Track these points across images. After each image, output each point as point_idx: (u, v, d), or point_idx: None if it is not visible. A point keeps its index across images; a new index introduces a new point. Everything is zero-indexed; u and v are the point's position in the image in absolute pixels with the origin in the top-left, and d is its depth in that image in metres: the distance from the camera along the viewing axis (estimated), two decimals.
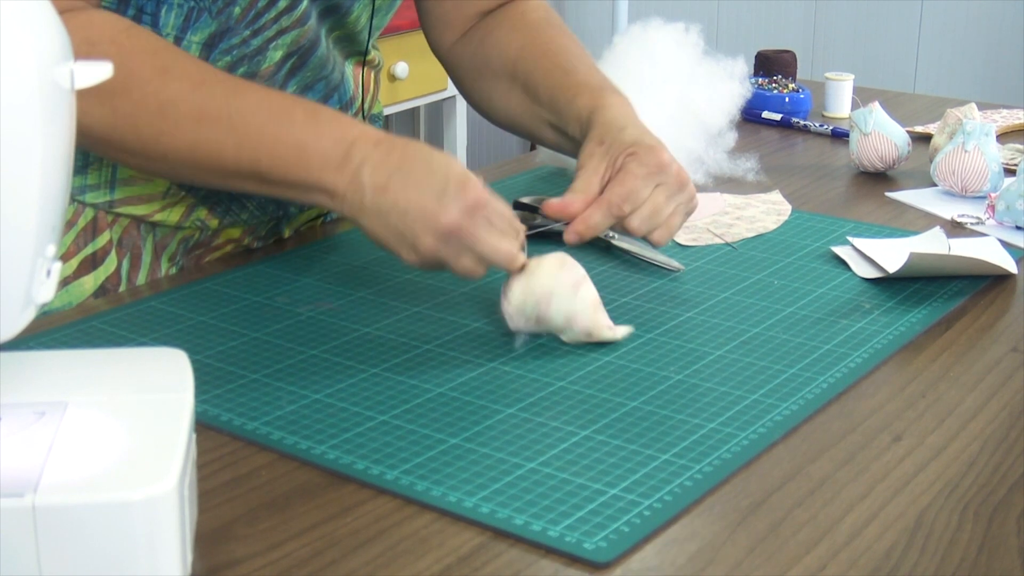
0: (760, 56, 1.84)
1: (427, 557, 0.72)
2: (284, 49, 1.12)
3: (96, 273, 1.15)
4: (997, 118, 1.69)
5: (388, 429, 0.86)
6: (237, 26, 1.08)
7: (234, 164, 1.00)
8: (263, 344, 0.99)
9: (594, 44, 1.40)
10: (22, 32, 0.61)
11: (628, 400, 0.91)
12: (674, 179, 1.05)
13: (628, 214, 1.03)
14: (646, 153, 1.04)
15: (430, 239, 0.95)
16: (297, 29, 1.11)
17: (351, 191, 0.97)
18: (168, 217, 1.16)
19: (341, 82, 1.20)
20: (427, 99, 3.35)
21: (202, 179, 1.04)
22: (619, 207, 1.03)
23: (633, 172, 1.03)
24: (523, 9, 1.28)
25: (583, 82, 1.15)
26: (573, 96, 1.14)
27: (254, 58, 1.10)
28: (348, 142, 0.98)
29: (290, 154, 0.98)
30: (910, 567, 0.72)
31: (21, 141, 0.61)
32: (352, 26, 1.18)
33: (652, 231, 1.05)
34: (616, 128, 1.07)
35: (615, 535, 0.74)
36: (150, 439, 0.67)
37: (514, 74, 1.22)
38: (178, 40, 1.08)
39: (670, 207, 1.05)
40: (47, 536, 0.62)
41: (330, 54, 1.17)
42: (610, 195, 1.03)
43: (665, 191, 1.04)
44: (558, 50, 1.21)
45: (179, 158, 1.00)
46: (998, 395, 0.94)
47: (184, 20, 1.07)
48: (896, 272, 1.12)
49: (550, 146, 1.24)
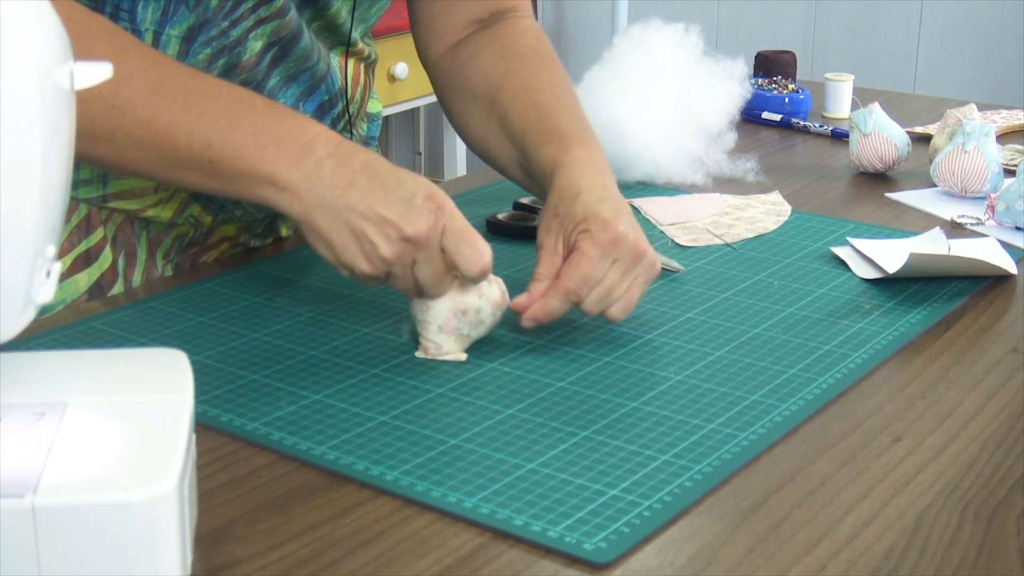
0: (760, 56, 1.84)
1: (427, 557, 0.72)
2: (264, 39, 1.11)
3: (90, 270, 1.14)
4: (997, 119, 1.69)
5: (388, 430, 0.86)
6: (215, 17, 1.08)
7: (185, 146, 0.96)
8: (263, 344, 0.99)
9: (594, 44, 1.40)
10: (22, 32, 0.61)
11: (628, 400, 0.91)
12: (629, 253, 1.00)
13: (583, 298, 0.99)
14: (599, 230, 0.99)
15: (390, 247, 0.92)
16: (277, 20, 1.10)
17: (307, 185, 0.93)
18: (161, 213, 1.16)
19: (327, 73, 1.18)
20: (427, 99, 3.35)
21: (148, 166, 0.99)
22: (576, 293, 0.99)
23: (587, 254, 0.99)
24: (513, 33, 1.24)
25: (553, 128, 1.11)
26: (541, 144, 1.10)
27: (234, 49, 1.10)
28: (310, 135, 0.95)
29: (246, 139, 0.95)
30: (910, 568, 0.72)
31: (21, 141, 0.61)
32: (333, 18, 1.17)
33: (607, 309, 1.00)
34: (572, 195, 1.02)
35: (615, 535, 0.74)
36: (150, 440, 0.67)
37: (493, 104, 1.19)
38: (157, 35, 1.07)
39: (625, 283, 1.00)
40: (47, 536, 0.62)
41: (314, 45, 1.16)
42: (565, 280, 0.99)
43: (620, 267, 1.00)
44: (539, 87, 1.17)
45: (128, 137, 0.97)
46: (998, 396, 0.94)
47: (162, 14, 1.06)
48: (896, 273, 1.12)
49: (518, 183, 1.20)
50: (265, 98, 1.00)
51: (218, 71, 1.10)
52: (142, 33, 1.07)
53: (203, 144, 0.96)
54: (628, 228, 1.00)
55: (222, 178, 0.97)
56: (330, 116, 1.19)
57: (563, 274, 0.99)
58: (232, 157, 0.95)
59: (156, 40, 1.07)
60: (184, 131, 0.96)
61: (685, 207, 1.34)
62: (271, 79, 1.13)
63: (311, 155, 0.94)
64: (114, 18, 1.06)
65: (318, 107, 1.18)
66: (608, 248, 0.99)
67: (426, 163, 3.95)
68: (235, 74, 1.10)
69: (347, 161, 0.94)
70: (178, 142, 0.96)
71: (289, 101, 1.15)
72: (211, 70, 1.09)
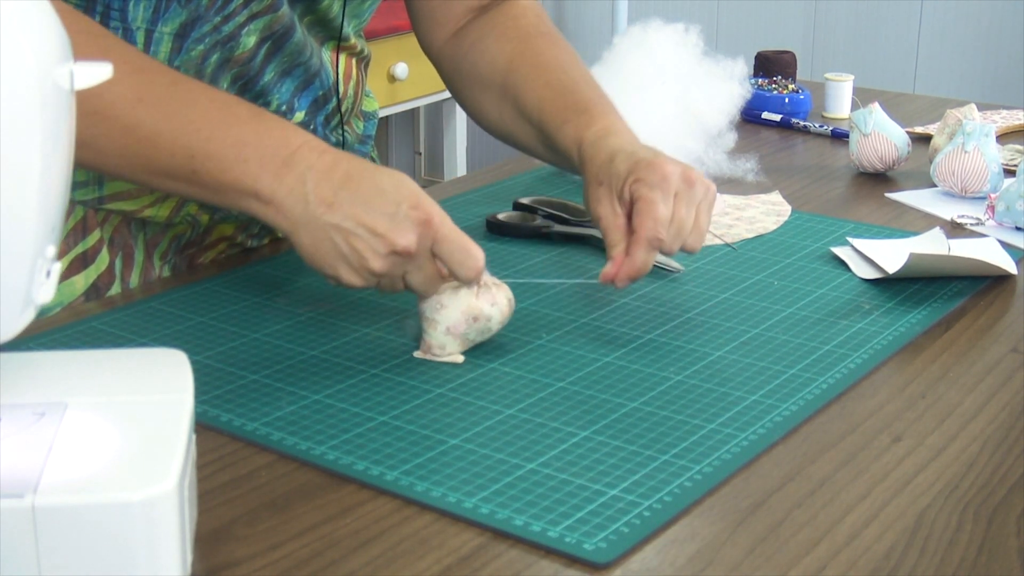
0: (760, 57, 1.84)
1: (427, 558, 0.72)
2: (258, 34, 1.10)
3: (87, 272, 1.14)
4: (997, 119, 1.69)
5: (388, 430, 0.86)
6: (207, 13, 1.07)
7: (168, 155, 0.95)
8: (263, 344, 0.99)
9: (594, 44, 1.40)
10: (22, 32, 0.61)
11: (628, 401, 0.91)
12: (684, 184, 1.02)
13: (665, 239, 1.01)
14: (649, 173, 1.02)
15: (380, 262, 0.92)
16: (270, 15, 1.10)
17: (290, 200, 0.93)
18: (158, 213, 1.16)
19: (320, 68, 1.18)
20: (427, 100, 3.35)
21: (132, 172, 0.99)
22: (656, 238, 1.00)
23: (648, 198, 1.01)
24: (513, 14, 1.26)
25: (571, 105, 1.14)
26: (561, 123, 1.13)
27: (227, 44, 1.09)
28: (292, 147, 0.94)
29: (227, 152, 0.94)
30: (910, 568, 0.72)
31: (21, 141, 0.61)
32: (324, 12, 1.17)
33: (684, 243, 1.03)
34: (607, 161, 1.05)
35: (615, 536, 0.74)
36: (150, 440, 0.67)
37: (504, 87, 1.21)
38: (149, 33, 1.07)
39: (692, 213, 1.03)
40: (47, 536, 0.62)
41: (307, 40, 1.16)
42: (642, 232, 1.00)
43: (683, 200, 1.02)
44: (548, 65, 1.19)
45: (111, 143, 0.96)
46: (998, 396, 0.94)
47: (153, 12, 1.06)
48: (896, 273, 1.12)
49: (543, 159, 1.23)
50: (250, 105, 0.99)
51: (213, 67, 1.09)
52: (134, 32, 1.06)
53: (186, 155, 0.95)
54: (672, 163, 1.03)
55: (207, 188, 0.96)
56: (324, 111, 1.20)
57: (637, 226, 1.01)
58: (215, 170, 0.95)
59: (148, 38, 1.07)
60: (167, 140, 0.95)
61: None
62: (266, 74, 1.13)
63: (293, 169, 0.93)
64: (105, 17, 1.06)
65: (313, 102, 1.18)
66: (664, 186, 1.01)
67: (426, 163, 3.95)
68: (230, 69, 1.10)
69: (329, 174, 0.93)
70: (160, 151, 0.96)
71: (285, 96, 1.15)
72: (206, 66, 1.09)
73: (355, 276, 0.94)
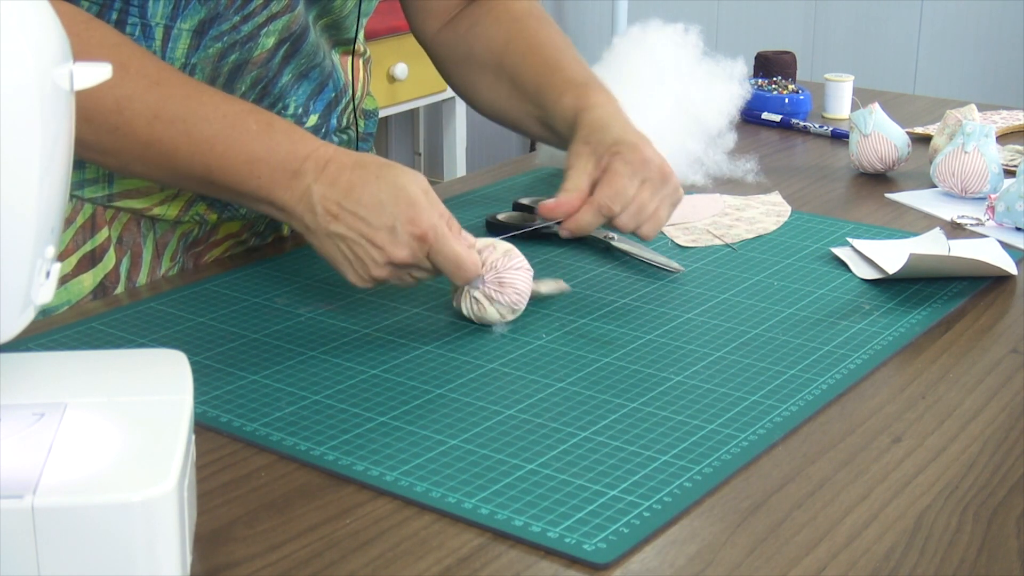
0: (760, 57, 1.84)
1: (427, 558, 0.72)
2: (276, 35, 1.12)
3: (95, 271, 1.14)
4: (997, 119, 1.69)
5: (388, 430, 0.86)
6: (226, 12, 1.08)
7: (187, 167, 1.01)
8: (263, 345, 0.99)
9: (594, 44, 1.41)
10: (22, 32, 0.61)
11: (628, 401, 0.91)
12: (657, 174, 1.09)
13: (617, 213, 1.08)
14: (629, 151, 1.09)
15: (381, 270, 0.98)
16: (288, 15, 1.11)
17: (300, 209, 0.99)
18: (167, 211, 1.16)
19: (333, 70, 1.21)
20: (427, 100, 3.35)
21: (156, 177, 1.05)
22: (608, 207, 1.08)
23: (619, 171, 1.08)
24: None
25: (569, 79, 1.20)
26: (559, 95, 1.18)
27: (246, 44, 1.10)
28: (299, 159, 0.99)
29: (241, 167, 1.00)
30: (910, 568, 0.72)
31: (21, 141, 0.61)
32: (338, 11, 1.19)
33: (639, 227, 1.09)
34: (600, 128, 1.12)
35: (615, 536, 0.74)
36: (149, 440, 0.67)
37: (500, 68, 1.26)
38: (167, 29, 1.07)
39: (655, 202, 1.09)
40: (46, 537, 0.62)
41: (319, 41, 1.18)
42: (599, 196, 1.08)
43: (650, 187, 1.09)
44: (543, 44, 1.25)
45: (132, 155, 1.01)
46: (998, 396, 0.94)
47: (173, 8, 1.07)
48: (896, 273, 1.12)
49: (536, 138, 1.28)
50: (259, 116, 1.02)
51: (229, 67, 1.10)
52: (152, 28, 1.07)
53: (203, 168, 1.01)
54: (654, 153, 1.10)
55: (225, 194, 1.03)
56: (335, 113, 1.21)
57: (597, 191, 1.09)
58: (231, 183, 1.01)
59: (167, 34, 1.07)
60: (184, 155, 1.01)
61: (685, 208, 1.34)
62: (283, 76, 1.14)
63: (301, 180, 0.99)
64: (124, 13, 1.06)
65: (326, 105, 1.20)
66: (638, 168, 1.08)
67: (425, 163, 3.95)
68: (247, 71, 1.11)
69: (334, 185, 0.98)
70: (179, 164, 1.01)
71: (301, 100, 1.17)
72: (222, 67, 1.10)
73: (360, 280, 1.00)
